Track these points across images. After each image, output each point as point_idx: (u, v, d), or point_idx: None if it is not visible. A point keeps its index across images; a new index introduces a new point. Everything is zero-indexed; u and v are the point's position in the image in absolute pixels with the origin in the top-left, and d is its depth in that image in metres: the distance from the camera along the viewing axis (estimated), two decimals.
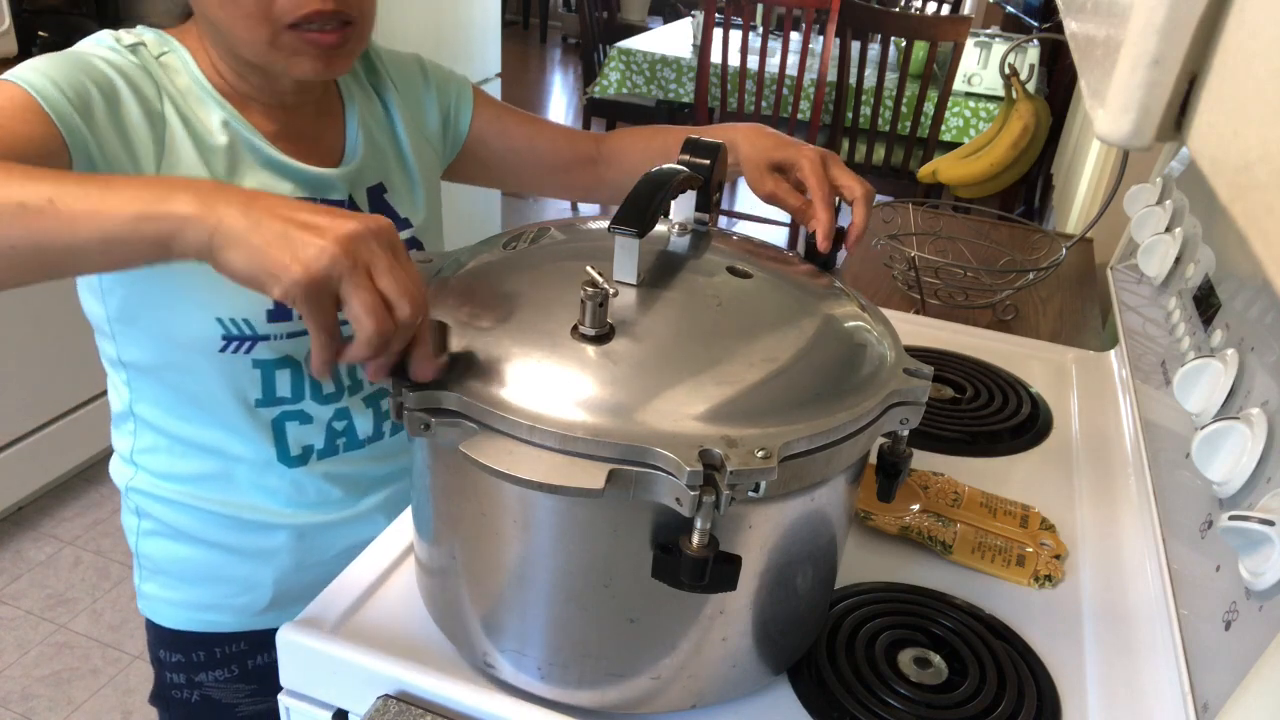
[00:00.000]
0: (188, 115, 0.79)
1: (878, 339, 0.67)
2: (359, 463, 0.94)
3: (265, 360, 0.84)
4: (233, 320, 0.81)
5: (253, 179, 0.81)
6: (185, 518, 0.91)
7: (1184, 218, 1.07)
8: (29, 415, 2.12)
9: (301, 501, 0.91)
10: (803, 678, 0.70)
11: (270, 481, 0.90)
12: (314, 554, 0.94)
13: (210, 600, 0.94)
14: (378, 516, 0.95)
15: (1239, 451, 0.67)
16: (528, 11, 7.69)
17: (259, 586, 0.94)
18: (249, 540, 0.92)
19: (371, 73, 0.95)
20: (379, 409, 0.93)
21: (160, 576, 0.94)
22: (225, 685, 0.97)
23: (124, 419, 0.90)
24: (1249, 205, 0.29)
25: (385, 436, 0.95)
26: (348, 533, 0.94)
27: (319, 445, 0.90)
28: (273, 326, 0.83)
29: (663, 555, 0.56)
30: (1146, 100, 0.34)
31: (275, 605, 0.95)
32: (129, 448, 0.91)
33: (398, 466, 0.97)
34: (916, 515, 0.87)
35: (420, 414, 0.56)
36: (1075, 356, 1.22)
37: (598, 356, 0.57)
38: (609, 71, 3.57)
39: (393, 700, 0.66)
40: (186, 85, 0.80)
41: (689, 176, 0.69)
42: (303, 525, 0.92)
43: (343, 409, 0.90)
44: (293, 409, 0.88)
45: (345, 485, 0.93)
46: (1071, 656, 0.74)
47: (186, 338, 0.81)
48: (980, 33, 3.28)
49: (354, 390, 0.91)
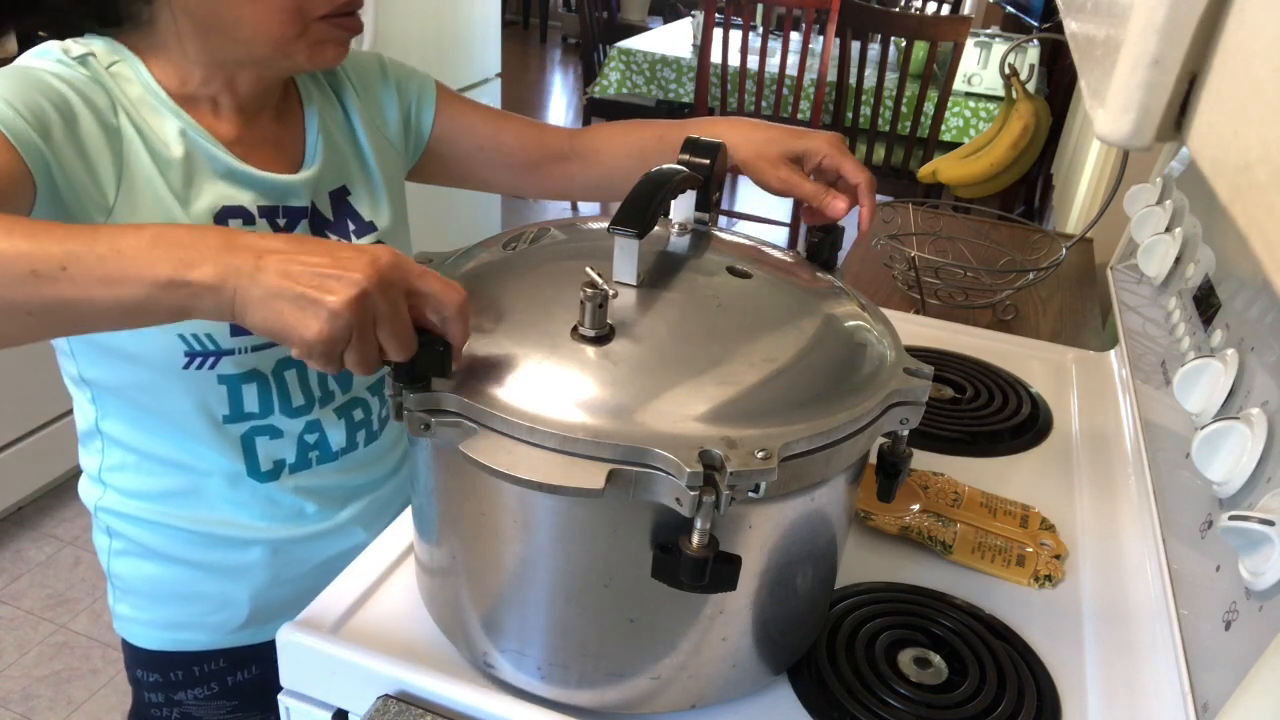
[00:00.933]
0: (142, 127, 0.77)
1: (878, 339, 0.67)
2: (332, 475, 0.92)
3: (230, 375, 0.82)
4: (195, 336, 0.79)
5: (211, 191, 0.79)
6: (156, 536, 0.89)
7: (1184, 218, 1.07)
8: (29, 415, 2.12)
9: (275, 516, 0.89)
10: (803, 678, 0.70)
11: (242, 497, 0.88)
12: (290, 569, 0.92)
13: (185, 619, 0.92)
14: (354, 529, 0.94)
15: (1239, 451, 0.67)
16: (528, 11, 7.69)
17: (234, 603, 0.92)
18: (222, 557, 0.90)
19: (330, 74, 0.93)
20: (351, 419, 0.91)
21: (133, 597, 0.93)
22: (205, 703, 0.96)
23: (90, 437, 0.88)
24: (1249, 205, 0.29)
25: (359, 447, 0.93)
26: (324, 546, 0.93)
27: (290, 459, 0.88)
28: (236, 340, 0.80)
29: (663, 555, 0.56)
30: (1146, 100, 0.34)
31: (253, 621, 0.93)
32: (97, 466, 0.89)
33: (371, 478, 0.95)
34: (916, 515, 0.87)
35: (420, 414, 0.56)
36: (1075, 356, 1.22)
37: (597, 357, 0.57)
38: (609, 71, 3.57)
39: (393, 700, 0.66)
40: (139, 95, 0.78)
41: (689, 176, 0.69)
42: (277, 540, 0.90)
43: (314, 421, 0.88)
44: (262, 424, 0.86)
45: (319, 499, 0.91)
46: (1071, 656, 0.74)
47: (149, 356, 0.79)
48: (980, 33, 3.28)
49: (325, 401, 0.89)
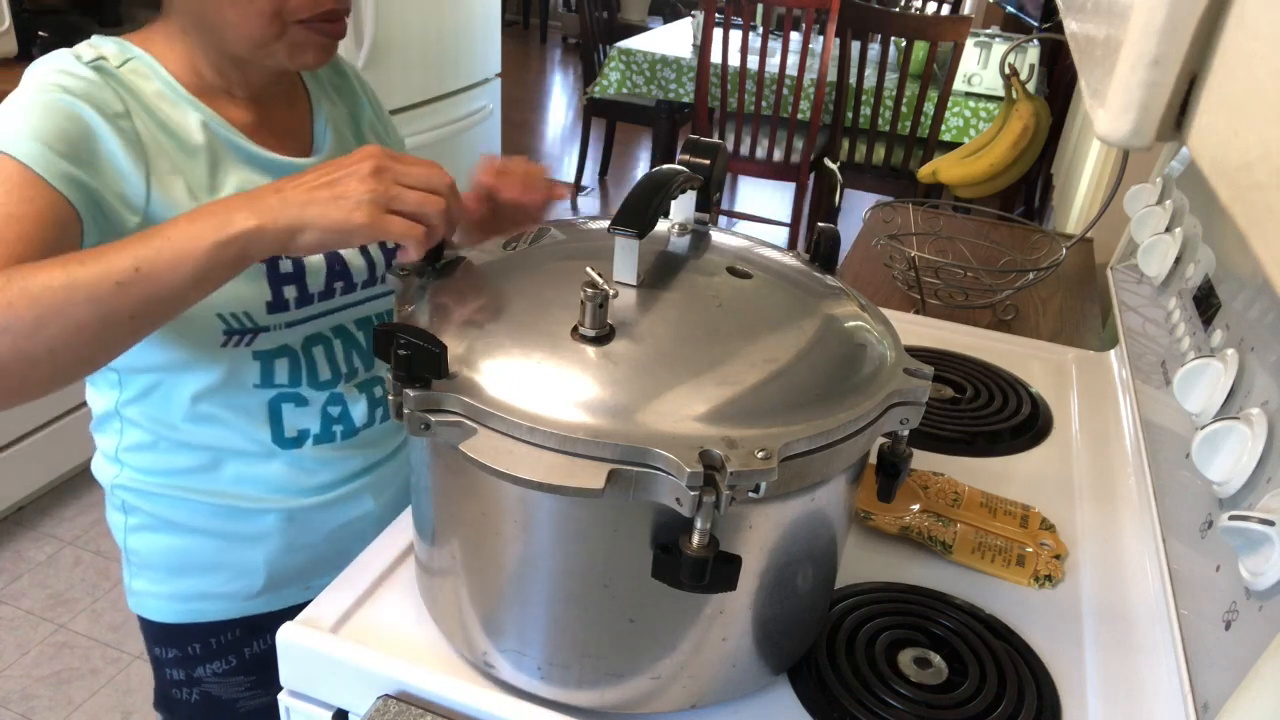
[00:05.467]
0: (164, 121, 0.80)
1: (878, 339, 0.67)
2: (351, 449, 0.95)
3: (265, 351, 0.86)
4: (234, 315, 0.82)
5: (235, 175, 0.83)
6: (174, 509, 0.91)
7: (1184, 218, 1.07)
8: (29, 415, 2.11)
9: (291, 486, 0.92)
10: (803, 678, 0.70)
11: (262, 469, 0.90)
12: (304, 535, 0.95)
13: (203, 589, 0.94)
14: (364, 496, 0.97)
15: (1239, 451, 0.67)
16: (528, 11, 7.69)
17: (251, 570, 0.94)
18: (239, 526, 0.92)
19: (340, 76, 0.98)
20: (372, 396, 0.95)
21: (150, 571, 0.95)
22: (224, 679, 0.98)
23: (109, 419, 0.90)
24: (1249, 205, 0.29)
25: (376, 423, 0.96)
26: (337, 513, 0.95)
27: (315, 429, 0.92)
28: (272, 318, 0.84)
29: (663, 555, 0.56)
30: (1146, 100, 0.34)
31: (269, 588, 0.96)
32: (114, 446, 0.91)
33: (385, 452, 0.99)
34: (916, 515, 0.87)
35: (420, 414, 0.56)
36: (1075, 356, 1.22)
37: (598, 357, 0.57)
38: (609, 71, 3.57)
39: (393, 700, 0.66)
40: (157, 91, 0.80)
41: (689, 176, 0.69)
42: (293, 509, 0.93)
43: (337, 394, 0.92)
44: (290, 391, 0.89)
45: (335, 469, 0.94)
46: (1071, 656, 0.74)
47: (189, 336, 0.82)
48: (980, 33, 3.28)
49: (350, 377, 0.93)
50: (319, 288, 0.88)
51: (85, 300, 0.63)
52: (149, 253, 0.64)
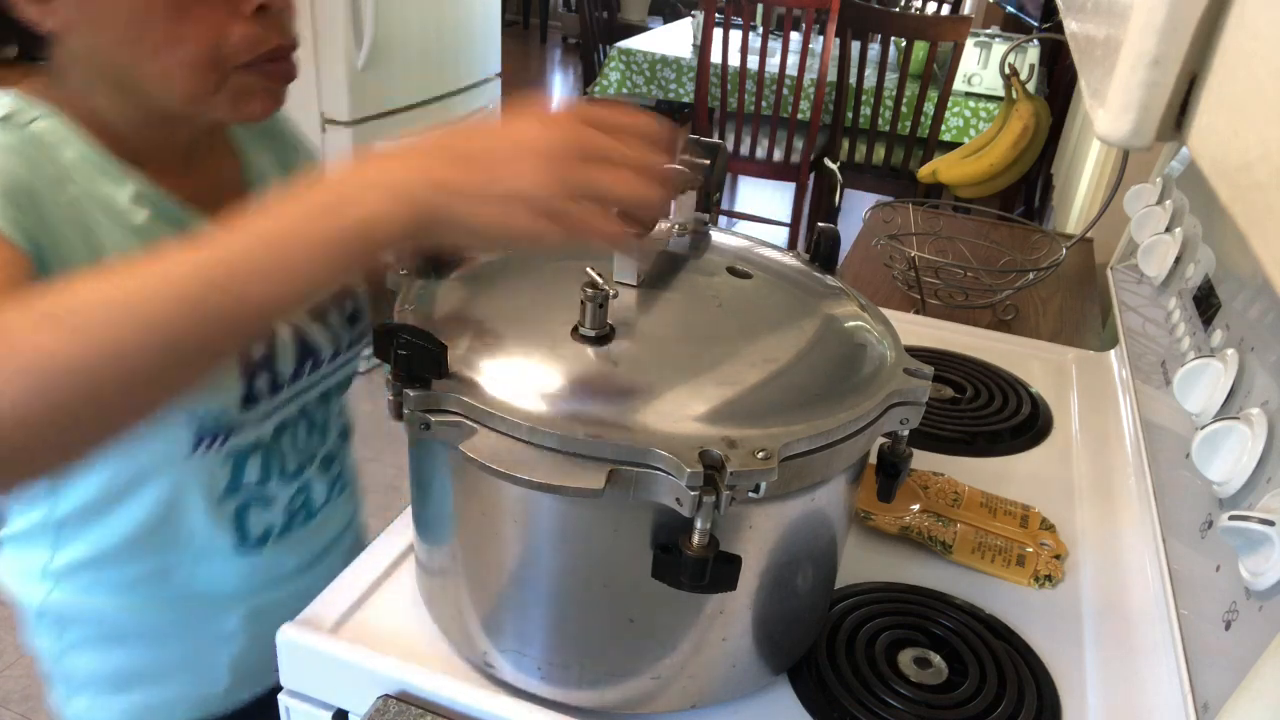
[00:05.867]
0: (93, 192, 0.66)
1: (878, 339, 0.67)
2: (311, 532, 0.89)
3: (238, 449, 0.77)
4: (206, 413, 0.72)
5: None
6: (123, 618, 0.81)
7: (1184, 218, 1.07)
8: None
9: (254, 582, 0.85)
10: (803, 678, 0.70)
11: (222, 569, 0.82)
12: (270, 626, 0.86)
13: (160, 700, 0.86)
14: (328, 571, 0.87)
15: (1239, 451, 0.67)
16: (528, 11, 7.69)
17: (214, 671, 0.86)
18: (199, 629, 0.84)
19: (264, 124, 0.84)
20: (329, 473, 0.89)
21: (92, 688, 0.84)
22: None
23: (35, 534, 0.76)
24: (1249, 205, 0.29)
25: (334, 498, 0.91)
26: (302, 598, 0.87)
27: (279, 524, 0.85)
28: (247, 414, 0.75)
29: (663, 555, 0.56)
30: (1146, 100, 0.34)
31: (234, 686, 0.88)
32: (40, 563, 0.78)
33: (344, 523, 0.94)
34: (916, 515, 0.87)
35: (420, 414, 0.56)
36: (1075, 356, 1.22)
37: (598, 357, 0.57)
38: (609, 71, 3.57)
39: (393, 700, 0.66)
40: (74, 159, 0.65)
41: (689, 176, 0.69)
42: (256, 606, 0.85)
43: (305, 483, 0.86)
44: (256, 494, 0.81)
45: (299, 554, 0.88)
46: (1071, 656, 0.74)
47: (149, 451, 0.72)
48: (980, 33, 3.28)
49: (312, 460, 0.86)
50: (289, 370, 0.79)
51: (138, 324, 0.48)
52: (232, 255, 0.49)
